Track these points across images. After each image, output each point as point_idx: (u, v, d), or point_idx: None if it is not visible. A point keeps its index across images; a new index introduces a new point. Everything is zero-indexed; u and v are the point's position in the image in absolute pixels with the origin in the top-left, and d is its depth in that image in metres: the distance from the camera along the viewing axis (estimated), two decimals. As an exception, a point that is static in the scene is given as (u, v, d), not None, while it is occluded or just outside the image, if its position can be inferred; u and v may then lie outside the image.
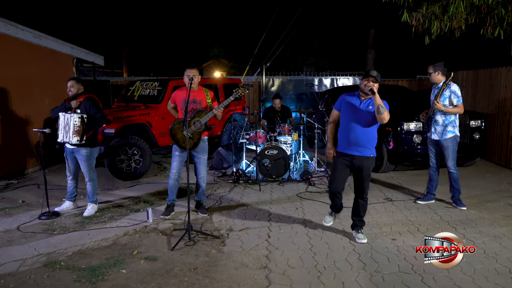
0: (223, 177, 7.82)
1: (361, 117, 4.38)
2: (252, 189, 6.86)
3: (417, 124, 7.58)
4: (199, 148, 5.32)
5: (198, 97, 5.25)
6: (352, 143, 4.42)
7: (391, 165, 7.91)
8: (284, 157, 7.39)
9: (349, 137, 4.42)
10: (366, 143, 4.40)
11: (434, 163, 5.98)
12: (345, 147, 4.50)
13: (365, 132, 4.37)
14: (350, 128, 4.43)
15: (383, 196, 6.41)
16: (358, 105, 4.41)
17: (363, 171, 4.47)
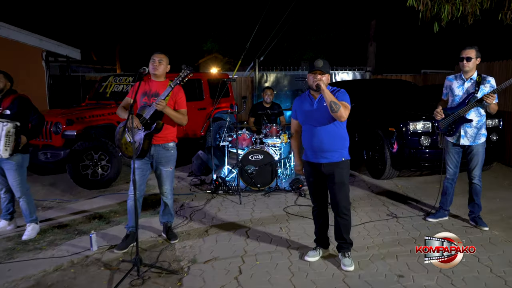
0: (202, 185, 6.79)
1: (319, 117, 3.62)
2: (231, 202, 5.83)
3: (425, 124, 6.54)
4: (159, 157, 4.24)
5: (162, 91, 4.18)
6: (317, 150, 3.66)
7: (395, 171, 6.87)
8: (271, 163, 6.35)
9: (312, 143, 3.68)
10: (333, 146, 3.63)
11: (453, 174, 4.91)
12: (311, 156, 3.75)
13: (329, 134, 3.62)
14: (311, 134, 3.68)
15: (386, 211, 5.37)
16: (312, 106, 3.68)
17: (335, 180, 3.66)
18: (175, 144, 4.34)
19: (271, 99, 7.63)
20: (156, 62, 4.11)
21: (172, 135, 4.30)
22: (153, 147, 4.17)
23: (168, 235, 4.47)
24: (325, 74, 3.55)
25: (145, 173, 4.27)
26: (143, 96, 4.14)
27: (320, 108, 3.59)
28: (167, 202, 4.43)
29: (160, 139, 4.18)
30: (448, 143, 4.85)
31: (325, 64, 3.56)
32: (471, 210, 4.84)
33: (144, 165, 4.23)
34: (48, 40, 9.65)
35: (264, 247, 4.24)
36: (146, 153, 4.14)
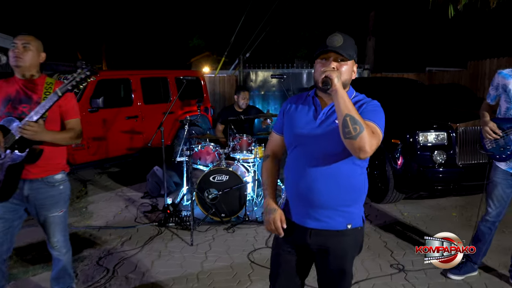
0: (153, 212, 5.28)
1: (323, 142, 1.94)
2: (181, 241, 4.33)
3: (439, 135, 5.06)
4: (39, 198, 2.69)
5: (35, 93, 2.65)
6: (305, 201, 1.97)
7: (399, 194, 5.39)
8: (238, 186, 4.86)
9: (299, 188, 1.99)
10: (335, 201, 1.95)
11: (495, 216, 3.34)
12: (293, 210, 2.06)
13: (334, 177, 1.93)
14: (301, 169, 1.98)
15: (389, 258, 3.89)
16: (314, 119, 2.00)
17: (330, 265, 2.01)
18: (65, 175, 2.82)
19: (246, 103, 6.06)
20: (19, 47, 2.58)
21: (59, 161, 2.78)
22: (27, 184, 2.65)
23: (63, 308, 2.96)
24: (346, 62, 1.93)
25: (11, 224, 2.70)
26: (4, 103, 2.62)
27: (328, 126, 1.94)
28: (61, 258, 2.89)
29: (39, 170, 2.66)
30: (499, 170, 3.27)
31: (347, 43, 1.93)
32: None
33: (11, 213, 2.68)
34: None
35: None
36: (12, 193, 2.60)
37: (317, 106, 2.00)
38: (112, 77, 7.12)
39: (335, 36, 1.92)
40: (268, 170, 2.22)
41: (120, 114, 6.89)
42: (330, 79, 1.80)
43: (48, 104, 2.46)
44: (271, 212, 2.07)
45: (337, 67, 1.90)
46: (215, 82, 12.50)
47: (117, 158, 7.02)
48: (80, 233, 4.54)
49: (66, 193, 2.82)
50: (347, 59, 1.92)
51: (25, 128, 2.42)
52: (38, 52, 2.65)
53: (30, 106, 2.60)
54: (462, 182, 5.00)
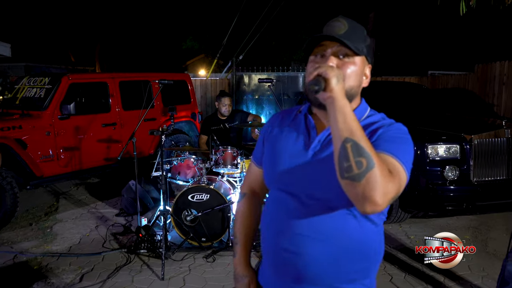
0: (125, 235, 4.64)
1: (317, 183, 1.24)
2: (151, 273, 3.69)
3: (450, 147, 4.45)
4: None
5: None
6: (290, 271, 1.28)
7: (404, 213, 4.77)
8: (220, 207, 4.22)
9: (279, 248, 1.30)
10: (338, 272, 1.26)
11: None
12: (272, 281, 1.38)
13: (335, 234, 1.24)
14: (284, 221, 1.29)
15: (396, 300, 3.27)
16: (305, 147, 1.32)
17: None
18: None
19: (229, 110, 5.39)
20: None
21: None
22: None
23: None
24: (353, 59, 1.29)
25: None
26: None
27: (325, 159, 1.26)
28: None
29: None
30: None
31: (354, 31, 1.30)
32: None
33: None
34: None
35: None
36: None
37: (311, 129, 1.35)
38: (86, 81, 6.47)
39: (337, 22, 1.30)
40: (243, 216, 1.56)
41: (96, 121, 6.25)
42: (324, 79, 1.13)
43: None
44: (239, 280, 1.44)
45: (338, 65, 1.26)
46: (207, 86, 11.88)
47: (93, 170, 6.38)
48: (35, 262, 3.91)
49: None
50: (354, 54, 1.28)
51: None
52: None
53: None
54: (477, 202, 4.39)
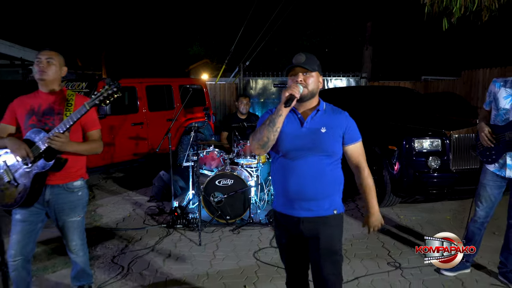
0: (160, 215, 5.52)
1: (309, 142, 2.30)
2: (189, 241, 4.56)
3: (433, 141, 5.32)
4: (59, 203, 2.90)
5: (57, 105, 2.88)
6: (298, 196, 2.30)
7: (396, 198, 5.64)
8: (243, 190, 5.10)
9: (288, 186, 2.31)
10: (320, 192, 2.30)
11: (484, 216, 3.59)
12: (285, 205, 2.38)
13: (320, 173, 2.29)
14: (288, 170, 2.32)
15: (386, 257, 4.13)
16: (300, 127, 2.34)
17: (320, 246, 2.30)
18: (84, 182, 3.02)
19: (247, 109, 6.37)
20: (43, 62, 2.79)
21: (79, 169, 2.98)
22: (48, 189, 2.86)
23: (82, 303, 3.17)
24: (311, 74, 2.29)
25: (35, 227, 2.90)
26: (29, 116, 2.84)
27: (312, 134, 2.30)
28: (78, 260, 3.08)
29: (60, 177, 2.87)
30: (487, 172, 3.52)
31: (310, 59, 2.31)
32: (503, 262, 3.59)
33: (34, 216, 2.87)
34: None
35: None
36: (36, 199, 2.82)
37: (300, 117, 2.34)
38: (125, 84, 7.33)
39: (299, 55, 2.31)
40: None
41: (126, 121, 7.12)
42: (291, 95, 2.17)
43: (75, 116, 2.67)
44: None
45: (304, 79, 2.25)
46: (215, 90, 12.75)
47: (123, 163, 7.24)
48: (92, 234, 4.75)
49: (84, 199, 3.03)
50: (311, 71, 2.26)
51: (53, 139, 2.63)
52: (60, 66, 2.88)
53: (53, 117, 2.83)
54: (455, 187, 5.26)
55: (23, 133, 2.83)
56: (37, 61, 2.78)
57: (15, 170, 2.77)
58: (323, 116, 2.32)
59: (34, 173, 2.71)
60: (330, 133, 2.28)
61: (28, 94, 2.94)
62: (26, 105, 2.86)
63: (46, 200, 2.86)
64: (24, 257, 2.86)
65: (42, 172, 2.72)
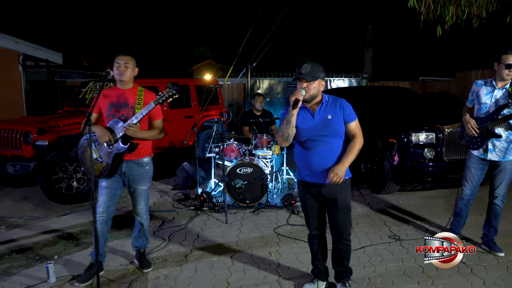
0: (186, 200, 6.22)
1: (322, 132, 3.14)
2: (217, 220, 5.27)
3: (428, 135, 6.02)
4: (132, 174, 3.69)
5: (131, 100, 3.63)
6: (319, 168, 3.12)
7: (395, 185, 6.34)
8: (261, 177, 5.80)
9: (312, 161, 3.13)
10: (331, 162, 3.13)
11: (469, 194, 4.32)
12: (308, 175, 3.20)
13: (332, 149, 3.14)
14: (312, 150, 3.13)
15: (387, 232, 4.84)
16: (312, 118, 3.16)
17: (338, 204, 3.16)
18: (150, 158, 3.82)
19: (262, 106, 7.12)
20: (122, 67, 3.56)
21: (147, 149, 3.77)
22: (124, 163, 3.65)
23: (141, 262, 3.90)
24: (313, 82, 3.05)
25: (115, 192, 3.73)
26: (110, 108, 3.59)
27: (323, 122, 3.10)
28: (143, 222, 3.90)
29: (133, 154, 3.64)
30: (472, 156, 4.24)
31: (313, 69, 3.04)
32: (486, 233, 4.30)
33: (115, 184, 3.68)
34: (25, 43, 9.08)
35: (251, 278, 3.68)
36: (116, 171, 3.61)
37: (310, 111, 3.14)
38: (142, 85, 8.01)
39: (305, 66, 3.09)
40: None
41: (150, 117, 7.80)
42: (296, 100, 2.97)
43: (145, 111, 3.44)
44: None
45: (307, 86, 3.03)
46: (224, 90, 13.43)
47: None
48: (127, 217, 5.44)
49: (150, 172, 3.80)
50: (313, 80, 3.02)
51: (128, 129, 3.41)
52: (134, 68, 3.62)
53: (127, 109, 3.59)
54: (448, 175, 5.96)
55: (105, 120, 3.55)
56: (117, 65, 3.51)
57: (100, 150, 3.50)
58: (327, 107, 3.13)
59: (114, 153, 3.46)
60: (334, 118, 3.09)
61: (110, 88, 3.68)
62: (108, 99, 3.59)
63: (123, 172, 3.65)
64: (107, 215, 3.67)
65: (120, 153, 3.47)
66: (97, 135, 3.50)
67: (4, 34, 8.28)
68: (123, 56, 3.57)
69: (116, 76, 3.56)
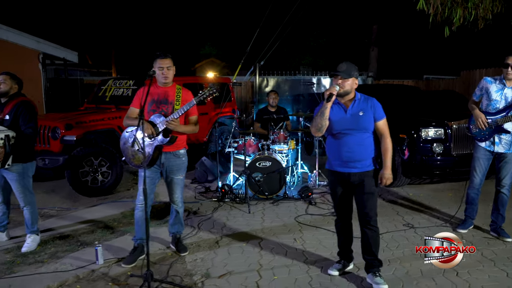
0: (207, 193, 6.55)
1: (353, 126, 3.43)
2: (239, 211, 5.60)
3: (437, 131, 6.35)
4: (170, 165, 4.02)
5: (170, 97, 3.95)
6: (348, 159, 3.42)
7: (405, 178, 6.67)
8: (279, 170, 6.13)
9: (342, 152, 3.43)
10: (364, 156, 3.44)
11: (479, 183, 4.67)
12: (338, 165, 3.50)
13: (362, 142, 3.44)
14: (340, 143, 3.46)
15: (401, 221, 5.17)
16: (344, 113, 3.45)
17: (365, 190, 3.43)
18: (185, 151, 4.14)
19: (276, 102, 7.45)
20: (165, 70, 3.85)
21: (183, 142, 4.10)
22: (163, 154, 3.98)
23: (178, 247, 4.23)
24: (348, 79, 3.36)
25: (154, 181, 4.08)
26: (151, 103, 3.91)
27: (354, 116, 3.40)
28: (179, 210, 4.24)
29: (171, 146, 3.97)
30: (479, 148, 4.58)
31: (348, 67, 3.38)
32: (494, 220, 4.64)
33: (154, 174, 4.01)
34: (45, 42, 9.39)
35: (280, 260, 4.01)
36: (155, 162, 3.94)
37: (343, 106, 3.45)
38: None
39: (342, 65, 3.42)
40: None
41: (168, 114, 8.12)
42: (330, 94, 3.28)
43: (186, 108, 3.77)
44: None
45: (341, 82, 3.33)
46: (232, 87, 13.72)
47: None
48: (158, 206, 5.77)
49: (186, 163, 4.13)
50: (347, 78, 3.33)
51: (170, 123, 3.73)
52: (174, 69, 3.92)
53: (167, 106, 3.91)
54: (456, 168, 6.29)
55: (146, 115, 3.87)
56: (160, 68, 3.79)
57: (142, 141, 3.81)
58: (359, 104, 3.42)
59: (155, 145, 3.78)
60: (365, 115, 3.38)
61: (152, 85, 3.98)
62: (149, 96, 3.89)
63: (162, 162, 3.98)
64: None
65: (160, 145, 3.79)
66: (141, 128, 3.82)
67: (26, 34, 8.58)
68: (164, 59, 3.86)
69: (161, 79, 3.88)
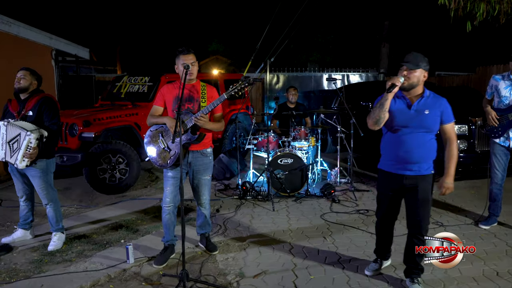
0: (226, 190, 6.46)
1: (414, 124, 3.12)
2: (263, 208, 5.51)
3: (460, 127, 6.25)
4: (197, 164, 3.88)
5: (196, 94, 3.81)
6: (405, 160, 3.15)
7: (428, 176, 6.56)
8: (301, 167, 6.04)
9: (399, 151, 3.16)
10: (424, 157, 3.15)
11: (500, 179, 4.65)
12: (392, 166, 3.26)
13: (422, 143, 3.12)
14: (399, 141, 3.17)
15: (431, 220, 5.06)
16: (408, 109, 3.16)
17: (418, 196, 3.17)
18: (212, 149, 4.01)
19: (295, 98, 7.35)
20: (190, 66, 3.63)
21: (209, 140, 3.96)
22: (190, 153, 3.84)
23: (208, 246, 4.14)
24: (415, 70, 3.05)
25: (179, 182, 3.89)
26: (175, 100, 3.75)
27: (418, 114, 3.09)
28: (206, 213, 4.10)
29: (198, 145, 3.83)
30: (495, 145, 4.61)
31: (415, 58, 3.07)
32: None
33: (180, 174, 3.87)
34: (58, 39, 9.29)
35: (313, 260, 3.92)
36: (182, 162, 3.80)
37: (407, 101, 3.17)
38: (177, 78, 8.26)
39: (409, 55, 3.12)
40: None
41: (184, 111, 8.04)
42: (392, 84, 3.01)
43: (216, 103, 3.62)
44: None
45: (407, 74, 3.06)
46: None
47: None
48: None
49: (212, 163, 4.01)
50: (415, 69, 3.06)
51: (199, 119, 3.58)
52: (197, 65, 3.80)
53: (192, 103, 3.77)
54: (480, 165, 6.19)
55: (169, 114, 3.76)
56: (185, 65, 3.57)
57: (168, 140, 3.71)
58: (426, 101, 3.10)
59: (183, 143, 3.65)
60: (432, 114, 3.06)
61: (173, 83, 3.87)
62: (173, 93, 3.79)
63: (189, 162, 3.84)
64: (173, 204, 3.85)
65: (188, 143, 3.67)
66: (167, 125, 3.71)
67: (39, 30, 8.48)
68: (188, 54, 3.68)
69: (182, 75, 3.67)
